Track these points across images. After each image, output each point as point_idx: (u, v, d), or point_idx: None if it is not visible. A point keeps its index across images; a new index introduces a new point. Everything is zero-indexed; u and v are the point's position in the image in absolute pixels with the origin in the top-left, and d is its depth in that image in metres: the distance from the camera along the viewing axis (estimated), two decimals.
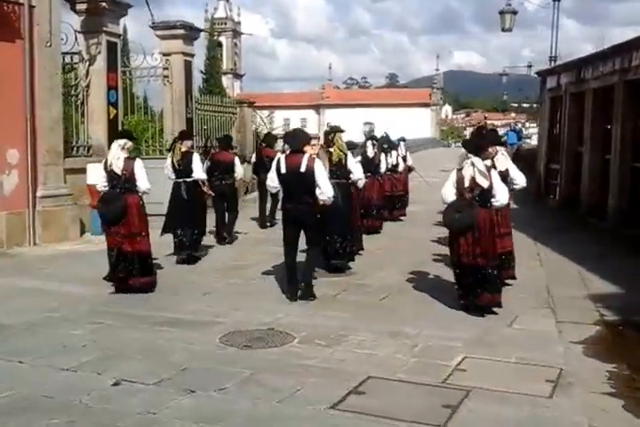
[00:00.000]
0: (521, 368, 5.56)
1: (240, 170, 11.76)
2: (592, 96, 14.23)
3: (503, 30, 21.17)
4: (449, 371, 5.42)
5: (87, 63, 12.86)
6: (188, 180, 9.91)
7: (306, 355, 5.80)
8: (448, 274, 8.96)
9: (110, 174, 7.89)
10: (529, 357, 5.78)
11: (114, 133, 13.05)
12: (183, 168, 9.83)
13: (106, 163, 7.99)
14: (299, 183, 7.48)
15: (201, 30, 16.19)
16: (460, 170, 7.28)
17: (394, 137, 15.06)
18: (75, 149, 12.68)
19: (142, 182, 7.94)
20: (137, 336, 6.31)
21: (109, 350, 5.90)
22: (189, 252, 9.79)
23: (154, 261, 8.49)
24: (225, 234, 11.50)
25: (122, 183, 7.86)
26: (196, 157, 10.05)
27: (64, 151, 11.86)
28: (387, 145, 13.83)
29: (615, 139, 12.99)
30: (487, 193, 7.16)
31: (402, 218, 14.93)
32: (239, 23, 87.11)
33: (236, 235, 12.09)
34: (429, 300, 7.78)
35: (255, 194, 15.27)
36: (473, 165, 7.18)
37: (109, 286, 8.21)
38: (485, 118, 68.74)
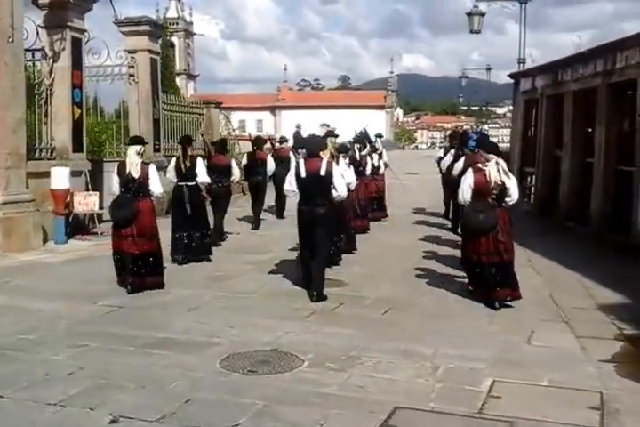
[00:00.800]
0: (557, 393, 5.08)
1: (237, 173, 11.92)
2: (572, 98, 13.96)
3: (471, 32, 20.90)
4: (482, 398, 4.92)
5: (51, 60, 12.05)
6: (190, 183, 10.02)
7: (320, 381, 5.23)
8: (443, 283, 8.74)
9: (127, 178, 8.15)
10: (561, 379, 5.33)
11: (79, 134, 12.39)
12: (188, 172, 9.96)
13: (121, 168, 8.27)
14: (317, 186, 7.86)
15: (165, 27, 15.41)
16: (477, 171, 7.57)
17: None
18: (37, 151, 11.84)
19: (156, 187, 8.32)
20: (128, 361, 5.65)
21: (99, 378, 5.22)
22: (193, 256, 9.91)
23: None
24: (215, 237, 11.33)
25: (136, 187, 8.16)
26: (200, 161, 10.20)
27: (26, 154, 11.03)
28: (366, 141, 13.92)
29: (599, 142, 12.72)
30: (505, 192, 7.49)
31: (383, 219, 14.74)
32: (191, 23, 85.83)
33: (226, 235, 12.09)
34: (433, 313, 7.32)
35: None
36: (498, 164, 7.52)
37: (84, 301, 7.62)
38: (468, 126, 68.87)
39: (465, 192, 7.65)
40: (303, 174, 7.95)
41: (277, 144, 15.85)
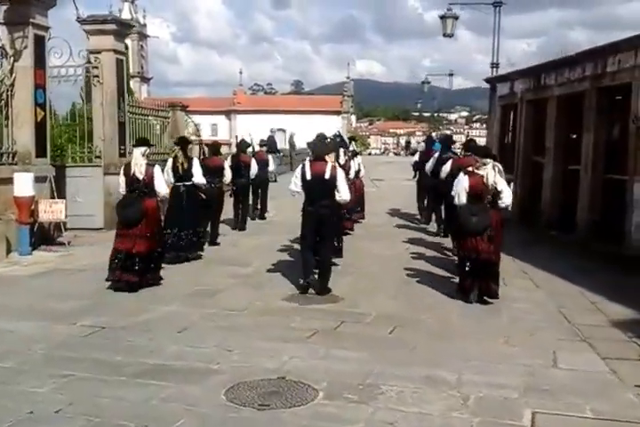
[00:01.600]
0: (607, 426, 4.64)
1: (229, 174, 12.16)
2: (556, 103, 13.68)
3: (444, 35, 20.64)
4: None
5: (12, 59, 11.24)
6: (187, 183, 10.33)
7: (343, 416, 4.68)
8: (441, 295, 8.35)
9: (132, 179, 8.44)
10: (604, 409, 4.89)
11: (42, 138, 11.63)
12: (185, 172, 10.31)
13: (126, 168, 8.59)
14: (322, 188, 8.28)
15: (132, 26, 14.70)
16: (472, 174, 7.91)
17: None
18: None
19: (161, 187, 8.68)
20: (121, 394, 5.01)
21: (92, 417, 4.59)
22: (182, 253, 10.16)
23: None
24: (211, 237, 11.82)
25: (141, 188, 8.43)
26: (196, 162, 10.61)
27: None
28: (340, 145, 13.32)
29: (586, 148, 12.44)
30: (498, 194, 7.89)
31: (361, 220, 14.60)
32: (145, 25, 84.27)
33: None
34: (441, 331, 6.86)
35: None
36: (494, 168, 7.88)
37: (59, 320, 6.99)
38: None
39: (460, 195, 7.98)
40: (309, 177, 8.32)
41: (257, 147, 16.66)
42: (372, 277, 9.45)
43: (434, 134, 30.22)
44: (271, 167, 16.07)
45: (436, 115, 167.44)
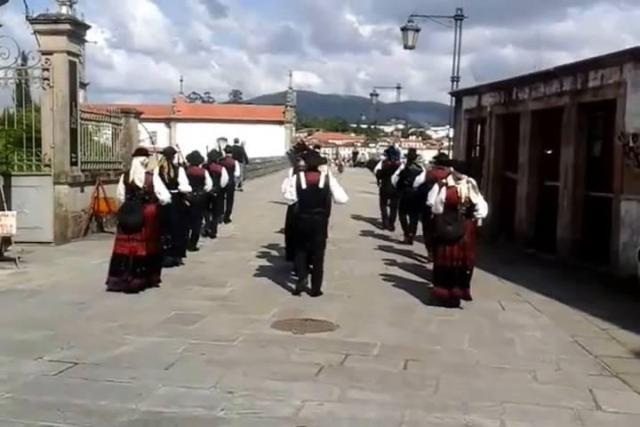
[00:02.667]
0: None
1: (210, 182, 12.23)
2: (530, 118, 13.26)
3: (405, 47, 20.19)
4: None
5: None
6: (173, 191, 10.12)
7: None
8: (440, 321, 7.76)
9: (131, 187, 8.80)
10: None
11: None
12: (172, 181, 10.31)
13: (126, 177, 8.96)
14: (315, 196, 8.85)
15: (89, 27, 13.65)
16: (449, 187, 8.54)
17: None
18: None
19: (164, 194, 9.14)
20: None
21: None
22: (171, 258, 10.32)
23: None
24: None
25: (141, 195, 8.82)
26: (182, 172, 10.77)
27: None
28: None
29: (565, 165, 12.02)
30: (473, 206, 8.50)
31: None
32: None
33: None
34: (459, 365, 6.19)
35: None
36: (469, 182, 8.52)
37: (23, 354, 6.05)
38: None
39: (437, 205, 8.67)
40: (304, 185, 8.80)
41: (224, 153, 17.15)
42: (361, 300, 8.71)
43: (396, 145, 30.43)
44: (237, 172, 16.91)
45: (372, 127, 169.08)
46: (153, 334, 6.81)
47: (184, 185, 10.61)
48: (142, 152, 9.39)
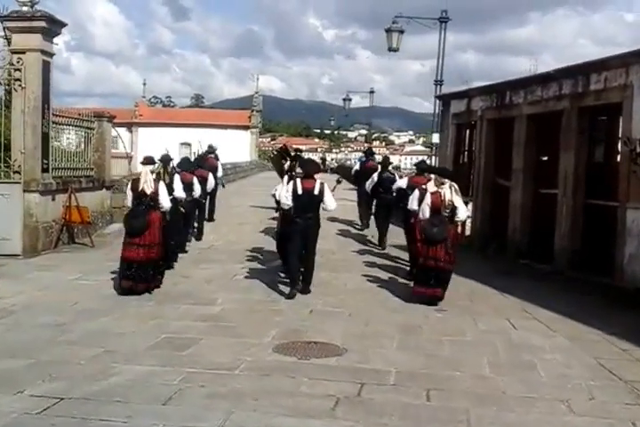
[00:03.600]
0: None
1: (198, 189, 12.32)
2: (525, 123, 12.88)
3: (390, 50, 19.74)
4: None
5: None
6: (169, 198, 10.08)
7: None
8: (450, 341, 7.28)
9: (139, 194, 9.22)
10: None
11: None
12: (168, 187, 10.08)
13: (134, 184, 9.36)
14: (310, 202, 9.35)
15: (65, 24, 12.93)
16: (434, 193, 9.14)
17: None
18: None
19: (165, 202, 9.47)
20: None
21: None
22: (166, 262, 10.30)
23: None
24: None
25: (147, 201, 9.21)
26: (177, 178, 10.80)
27: None
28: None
29: (565, 171, 11.66)
30: (454, 210, 9.10)
31: None
32: None
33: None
34: (485, 393, 5.73)
35: None
36: (451, 187, 9.14)
37: (2, 387, 5.40)
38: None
39: (424, 210, 9.17)
40: (300, 192, 9.31)
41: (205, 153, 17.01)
42: (363, 318, 8.18)
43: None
44: (220, 173, 16.92)
45: (336, 132, 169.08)
46: (143, 361, 6.21)
47: (178, 191, 10.64)
48: (150, 160, 9.82)
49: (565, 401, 5.59)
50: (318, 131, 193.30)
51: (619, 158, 11.24)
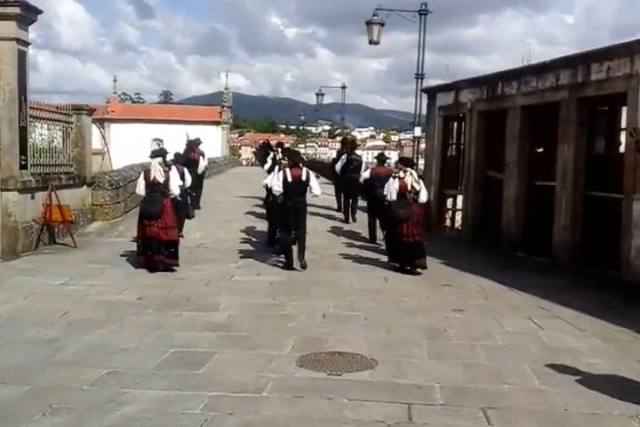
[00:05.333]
0: None
1: (189, 179, 12.48)
2: (520, 115, 12.07)
3: (370, 43, 18.78)
4: None
5: None
6: None
7: None
8: (481, 346, 6.36)
9: (153, 182, 10.04)
10: None
11: None
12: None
13: (146, 174, 10.18)
14: (299, 188, 10.30)
15: (40, 11, 11.71)
16: (401, 179, 10.27)
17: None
18: None
19: (175, 188, 10.35)
20: None
21: None
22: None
23: None
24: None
25: (160, 189, 10.04)
26: (174, 169, 10.90)
27: None
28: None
29: (563, 164, 10.88)
30: (417, 193, 10.21)
31: None
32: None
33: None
34: (549, 413, 4.84)
35: None
36: (412, 175, 10.31)
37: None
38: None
39: (392, 194, 10.31)
40: (290, 179, 10.24)
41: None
42: (381, 322, 7.24)
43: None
44: (205, 163, 16.90)
45: (301, 128, 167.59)
46: (155, 384, 5.20)
47: (175, 180, 10.96)
48: (159, 153, 10.57)
49: (635, 417, 4.77)
50: (284, 126, 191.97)
51: (621, 149, 10.49)
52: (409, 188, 10.12)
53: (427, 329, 7.03)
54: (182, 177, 11.72)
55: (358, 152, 16.32)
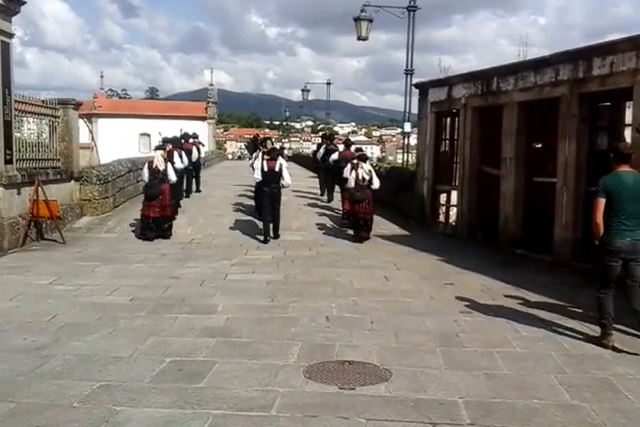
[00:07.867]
0: None
1: (185, 159, 14.93)
2: (516, 110, 11.48)
3: (359, 39, 18.13)
4: None
5: None
6: None
7: None
8: (508, 357, 5.46)
9: (155, 171, 12.14)
10: None
11: None
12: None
13: (150, 164, 12.27)
14: (273, 176, 12.10)
15: (23, 2, 10.93)
16: (357, 168, 12.52)
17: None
18: None
19: (172, 176, 12.39)
20: None
21: None
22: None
23: None
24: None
25: (160, 176, 12.13)
26: (175, 154, 13.61)
27: None
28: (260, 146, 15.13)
29: (564, 160, 10.30)
30: (370, 181, 12.47)
31: None
32: None
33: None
34: None
35: None
36: (362, 167, 12.56)
37: None
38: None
39: (350, 181, 12.50)
40: (266, 169, 12.05)
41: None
42: (388, 326, 6.62)
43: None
44: (199, 153, 18.34)
45: (285, 124, 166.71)
46: (153, 400, 4.55)
47: (178, 162, 13.71)
48: (162, 147, 12.88)
49: None
50: (268, 122, 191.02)
51: None
52: (360, 177, 12.39)
53: (437, 334, 6.43)
54: (180, 158, 14.10)
55: (341, 147, 17.38)
